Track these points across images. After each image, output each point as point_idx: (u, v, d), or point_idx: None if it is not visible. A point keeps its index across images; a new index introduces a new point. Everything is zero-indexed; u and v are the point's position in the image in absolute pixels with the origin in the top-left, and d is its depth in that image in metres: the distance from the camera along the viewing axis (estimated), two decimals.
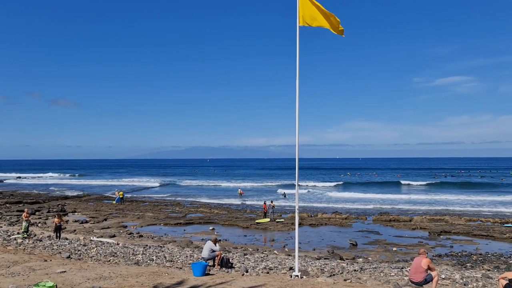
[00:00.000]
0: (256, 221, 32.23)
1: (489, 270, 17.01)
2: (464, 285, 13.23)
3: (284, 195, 57.08)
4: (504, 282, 10.79)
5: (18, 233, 22.05)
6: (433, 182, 77.65)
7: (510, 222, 31.16)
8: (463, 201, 48.63)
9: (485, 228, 29.19)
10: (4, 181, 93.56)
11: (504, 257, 20.43)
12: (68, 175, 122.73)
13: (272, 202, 35.05)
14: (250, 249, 22.20)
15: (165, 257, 17.01)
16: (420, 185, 71.86)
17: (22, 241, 19.19)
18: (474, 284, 13.32)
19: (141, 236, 25.96)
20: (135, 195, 59.32)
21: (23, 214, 23.02)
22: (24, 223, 21.96)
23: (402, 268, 16.17)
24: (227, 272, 13.92)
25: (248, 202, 48.91)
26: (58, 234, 21.84)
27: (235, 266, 15.49)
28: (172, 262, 15.90)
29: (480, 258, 20.16)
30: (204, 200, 52.06)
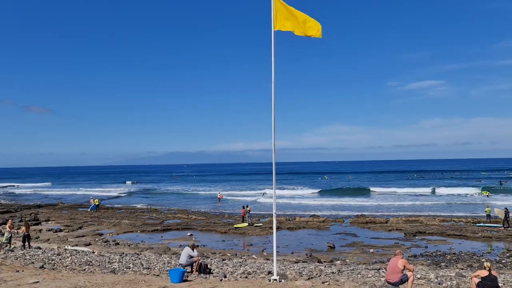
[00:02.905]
0: (234, 226, 32.16)
1: (462, 269, 17.37)
2: (439, 284, 13.48)
3: (263, 194, 57.50)
4: (477, 280, 11.02)
5: None
6: (406, 183, 79.37)
7: (481, 222, 31.94)
8: (435, 201, 49.69)
9: (458, 228, 29.83)
10: None
11: (477, 256, 20.92)
12: (41, 183, 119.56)
13: (248, 206, 35.06)
14: (229, 254, 22.12)
15: (142, 265, 16.77)
16: (394, 187, 72.78)
17: None
18: (448, 283, 13.58)
19: (117, 243, 25.55)
20: (111, 202, 58.30)
21: (7, 226, 22.35)
22: (6, 234, 21.38)
23: (379, 269, 16.38)
24: (205, 278, 13.82)
25: (226, 207, 48.77)
26: (28, 244, 21.31)
27: (213, 272, 15.39)
28: (149, 270, 15.69)
29: (453, 258, 20.58)
30: (182, 206, 51.58)
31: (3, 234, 21.82)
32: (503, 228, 28.94)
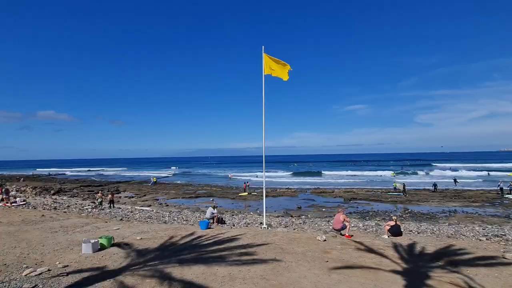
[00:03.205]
0: (239, 194, 32.13)
1: (379, 220, 17.51)
2: (365, 229, 13.58)
3: (257, 176, 57.28)
4: (388, 227, 11.12)
5: (89, 205, 21.26)
6: (345, 168, 79.43)
7: (390, 192, 32.11)
8: (363, 179, 49.92)
9: (377, 195, 30.00)
10: (87, 172, 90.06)
11: (388, 213, 21.09)
12: (120, 168, 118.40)
13: (247, 182, 35.04)
14: (236, 212, 22.14)
15: (182, 218, 16.78)
16: (337, 170, 72.96)
17: (91, 210, 18.53)
18: (371, 229, 13.69)
19: (167, 205, 25.55)
20: (163, 180, 58.04)
21: (98, 194, 22.38)
22: (98, 199, 21.37)
23: (328, 221, 16.46)
24: (222, 226, 13.85)
25: (234, 183, 48.66)
26: (113, 205, 21.28)
27: (226, 222, 15.41)
28: (187, 221, 15.70)
29: (374, 214, 20.76)
30: (207, 182, 51.33)
31: (98, 200, 21.74)
32: (403, 195, 29.15)
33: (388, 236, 10.70)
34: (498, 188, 29.99)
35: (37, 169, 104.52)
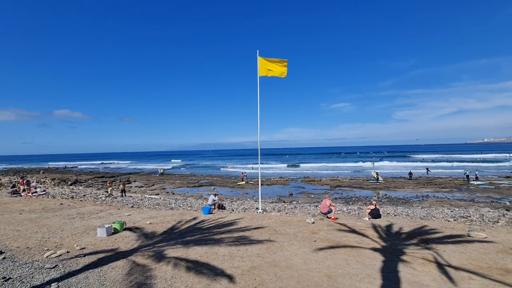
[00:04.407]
0: (238, 183, 32.13)
1: (361, 205, 17.68)
2: (348, 213, 13.72)
3: (252, 168, 57.24)
4: (368, 210, 11.24)
5: (103, 194, 21.11)
6: (331, 160, 79.75)
7: (371, 179, 32.37)
8: (346, 169, 50.21)
9: (359, 183, 30.22)
10: (100, 165, 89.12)
11: (369, 198, 21.30)
12: (129, 161, 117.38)
13: (245, 172, 35.07)
14: (235, 199, 22.16)
15: (187, 205, 16.76)
16: (324, 162, 73.28)
17: (104, 199, 18.42)
18: (354, 212, 13.83)
19: (173, 193, 25.47)
20: (169, 171, 57.78)
21: (107, 184, 22.19)
22: (109, 189, 21.22)
23: (316, 206, 16.58)
24: (222, 211, 13.87)
25: (233, 173, 48.65)
26: (124, 194, 21.15)
27: (226, 208, 15.45)
28: (191, 207, 15.69)
29: (356, 199, 20.93)
30: (209, 172, 51.20)
31: (108, 189, 21.62)
32: (378, 183, 29.41)
33: (369, 219, 10.83)
34: (465, 176, 30.45)
35: (49, 163, 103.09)
